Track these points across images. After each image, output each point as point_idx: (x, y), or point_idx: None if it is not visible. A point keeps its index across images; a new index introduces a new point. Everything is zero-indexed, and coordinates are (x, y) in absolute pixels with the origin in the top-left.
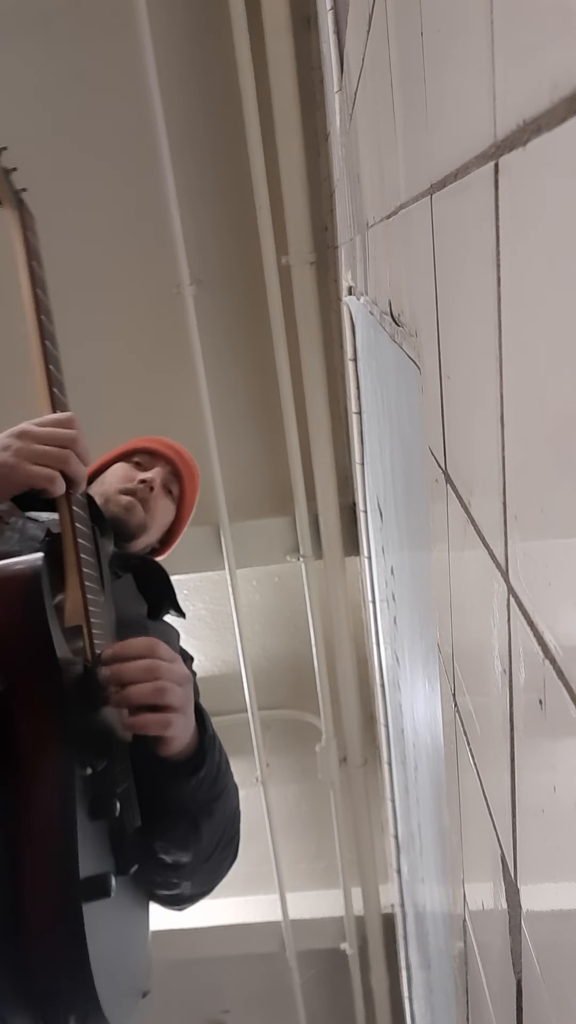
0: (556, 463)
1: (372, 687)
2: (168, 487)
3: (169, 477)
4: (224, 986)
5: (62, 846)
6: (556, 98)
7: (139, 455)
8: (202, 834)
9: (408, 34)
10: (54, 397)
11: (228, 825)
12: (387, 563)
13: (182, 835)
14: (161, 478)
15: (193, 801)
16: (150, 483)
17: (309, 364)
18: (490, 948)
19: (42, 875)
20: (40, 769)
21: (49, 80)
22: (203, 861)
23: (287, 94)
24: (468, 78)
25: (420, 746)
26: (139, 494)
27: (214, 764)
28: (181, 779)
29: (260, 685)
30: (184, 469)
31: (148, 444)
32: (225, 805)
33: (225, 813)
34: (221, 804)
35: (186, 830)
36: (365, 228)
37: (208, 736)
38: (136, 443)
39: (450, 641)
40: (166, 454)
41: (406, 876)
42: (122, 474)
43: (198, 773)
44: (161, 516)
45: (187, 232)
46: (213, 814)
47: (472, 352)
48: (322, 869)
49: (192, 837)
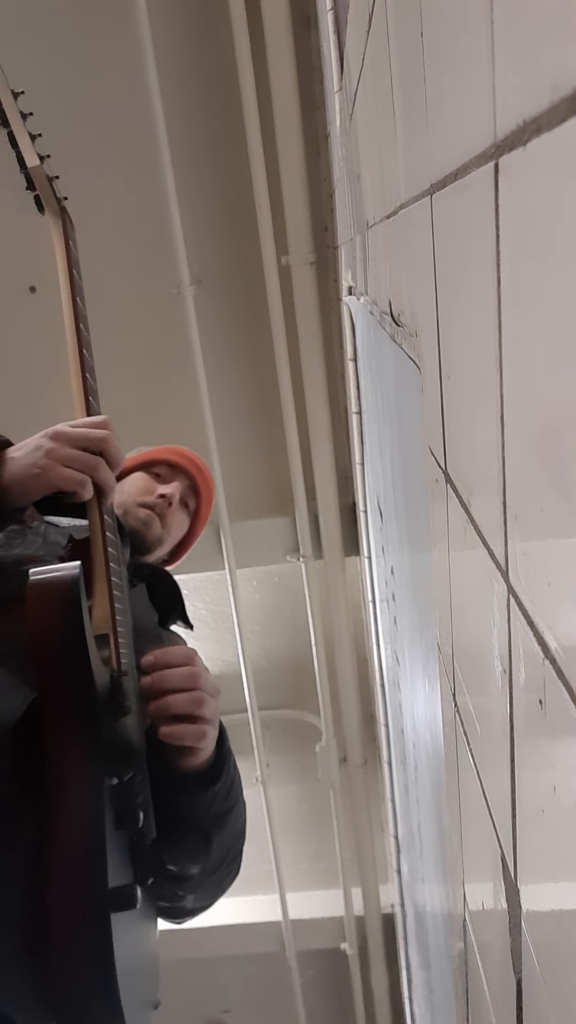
0: (556, 463)
1: (372, 687)
2: (185, 501)
3: (187, 492)
4: (224, 986)
5: (91, 856)
6: (556, 98)
7: (159, 466)
8: (212, 847)
9: (408, 34)
10: (89, 405)
11: (236, 841)
12: (387, 563)
13: (192, 847)
14: (180, 493)
15: (206, 814)
16: (169, 498)
17: (309, 364)
18: (490, 948)
19: (70, 885)
20: (70, 778)
21: (49, 80)
22: (210, 875)
23: (287, 94)
24: (468, 78)
25: (420, 746)
26: (157, 508)
27: (229, 778)
28: (197, 791)
29: (260, 685)
30: (203, 484)
31: (169, 456)
32: (236, 820)
33: (235, 828)
34: (232, 818)
35: (197, 842)
36: (365, 228)
37: (225, 749)
38: (157, 454)
39: (450, 641)
40: (186, 468)
41: (406, 876)
42: (142, 485)
43: (214, 786)
44: (176, 530)
45: (187, 232)
46: (224, 828)
47: (472, 352)
48: (322, 869)
49: (202, 850)
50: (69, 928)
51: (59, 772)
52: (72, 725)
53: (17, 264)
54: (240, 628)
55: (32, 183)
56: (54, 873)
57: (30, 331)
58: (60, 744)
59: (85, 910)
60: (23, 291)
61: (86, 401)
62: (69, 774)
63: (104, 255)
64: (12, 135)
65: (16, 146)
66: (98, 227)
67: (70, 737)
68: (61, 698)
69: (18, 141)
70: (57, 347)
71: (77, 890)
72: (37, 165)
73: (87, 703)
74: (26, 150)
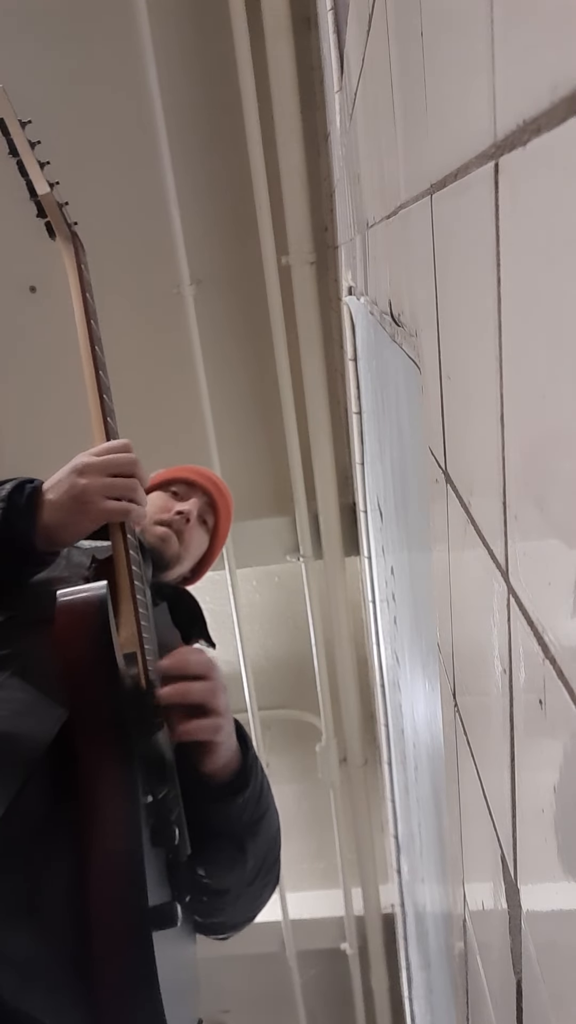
0: (556, 463)
1: (372, 687)
2: (203, 518)
3: (205, 508)
4: (224, 986)
5: (130, 875)
6: (556, 98)
7: (177, 485)
8: (247, 856)
9: (408, 34)
10: (108, 426)
11: (271, 848)
12: (387, 563)
13: (228, 858)
14: (198, 509)
15: (239, 822)
16: (186, 515)
17: (309, 364)
18: (490, 948)
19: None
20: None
21: (49, 80)
22: (247, 885)
23: (287, 94)
24: (468, 78)
25: (420, 746)
26: (175, 525)
27: (258, 783)
28: (227, 800)
29: (260, 685)
30: (220, 501)
31: (187, 475)
32: (269, 826)
33: (269, 833)
34: (265, 825)
35: (232, 853)
36: (365, 228)
37: (251, 755)
38: (175, 473)
39: (450, 641)
40: (204, 485)
41: (406, 876)
42: (160, 504)
43: (244, 792)
44: (195, 548)
45: (187, 232)
46: (258, 835)
47: (472, 352)
48: (322, 869)
49: (238, 859)
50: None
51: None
52: (106, 744)
53: (17, 264)
54: (240, 628)
55: (43, 210)
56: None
57: (30, 331)
58: (95, 763)
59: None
60: (23, 291)
61: (105, 422)
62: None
63: (104, 255)
64: (21, 164)
65: (26, 174)
66: (98, 227)
67: (105, 756)
68: (93, 717)
69: (28, 170)
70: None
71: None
72: (48, 192)
73: (119, 721)
74: (36, 178)
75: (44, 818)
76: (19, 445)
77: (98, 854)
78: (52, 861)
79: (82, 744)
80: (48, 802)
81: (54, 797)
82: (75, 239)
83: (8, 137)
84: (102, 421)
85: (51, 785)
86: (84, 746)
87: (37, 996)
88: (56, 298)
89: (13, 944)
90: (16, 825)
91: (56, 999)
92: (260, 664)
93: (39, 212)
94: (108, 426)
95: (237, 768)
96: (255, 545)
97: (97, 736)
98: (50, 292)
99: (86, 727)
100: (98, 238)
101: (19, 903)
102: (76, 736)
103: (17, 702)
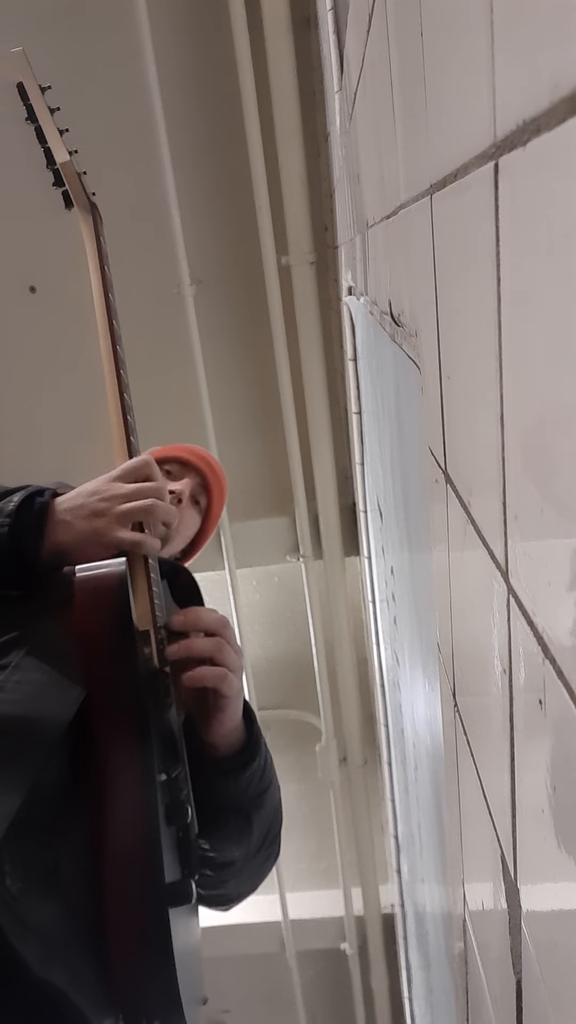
0: (556, 463)
1: (372, 687)
2: (196, 498)
3: (198, 489)
4: (224, 986)
5: (147, 853)
6: (556, 98)
7: (170, 464)
8: (253, 828)
9: (408, 34)
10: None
11: (275, 819)
12: (387, 563)
13: (234, 831)
14: (190, 490)
15: (245, 795)
16: (178, 495)
17: (309, 364)
18: (490, 948)
19: (128, 882)
20: (124, 773)
21: (48, 79)
22: (251, 857)
23: (287, 94)
24: (468, 78)
25: (420, 746)
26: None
27: (263, 757)
28: (236, 773)
29: (260, 685)
30: (214, 481)
31: (180, 453)
32: (273, 797)
33: (272, 804)
34: (270, 796)
35: (239, 825)
36: (365, 228)
37: (256, 728)
38: (168, 451)
39: (450, 641)
40: (197, 465)
41: (406, 876)
42: None
43: (252, 763)
44: (186, 528)
45: (187, 232)
46: (263, 806)
47: (472, 352)
48: (322, 869)
49: (245, 831)
50: (129, 926)
51: (113, 768)
52: (124, 721)
53: (17, 264)
54: (240, 628)
55: (60, 179)
56: (113, 870)
57: (30, 331)
58: (113, 740)
59: (144, 907)
60: (23, 291)
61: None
62: (123, 770)
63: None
64: (40, 130)
65: (44, 141)
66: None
67: (123, 733)
68: (113, 694)
69: (47, 136)
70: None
71: (136, 887)
72: (67, 160)
73: (135, 700)
74: (55, 145)
75: (62, 795)
76: (19, 445)
77: (116, 831)
78: (72, 836)
79: (100, 721)
80: (66, 779)
81: (72, 773)
82: (94, 210)
83: (27, 102)
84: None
85: (69, 761)
86: (102, 723)
87: (60, 968)
88: (56, 298)
89: (38, 916)
90: (36, 803)
91: (78, 972)
92: (260, 664)
93: (56, 181)
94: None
95: (243, 740)
96: (255, 545)
97: (116, 713)
98: (50, 292)
99: (105, 704)
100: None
101: (42, 878)
102: (94, 713)
103: (34, 684)
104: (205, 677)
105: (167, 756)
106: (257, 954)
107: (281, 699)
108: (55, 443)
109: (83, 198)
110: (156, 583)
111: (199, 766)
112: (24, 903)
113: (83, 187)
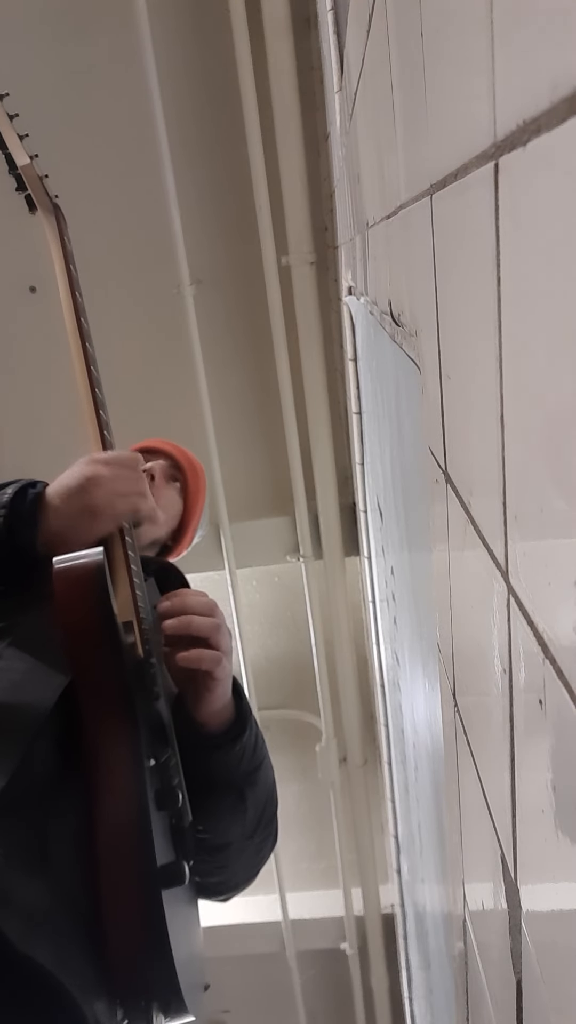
0: (556, 463)
1: (372, 687)
2: (172, 477)
3: (169, 469)
4: (224, 986)
5: (138, 833)
6: (556, 98)
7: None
8: (247, 805)
9: (408, 34)
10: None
11: (269, 798)
12: (387, 563)
13: (228, 808)
14: (160, 468)
15: (237, 770)
16: (150, 471)
17: (309, 364)
18: (490, 948)
19: (119, 866)
20: (112, 756)
21: (49, 79)
22: (247, 838)
23: (287, 94)
24: (468, 78)
25: (420, 746)
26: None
27: (253, 732)
28: (227, 747)
29: (260, 685)
30: (184, 461)
31: (145, 443)
32: (266, 776)
33: (266, 783)
34: (263, 774)
35: (232, 802)
36: (365, 228)
37: (245, 704)
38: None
39: (450, 641)
40: (163, 448)
41: (406, 876)
42: None
43: (241, 738)
44: (167, 505)
45: (187, 232)
46: (256, 784)
47: (472, 352)
48: (322, 869)
49: (239, 808)
50: (123, 908)
51: (100, 752)
52: (110, 707)
53: (17, 264)
54: (240, 628)
55: (23, 183)
56: (103, 855)
57: (30, 331)
58: (99, 725)
59: (137, 889)
60: (23, 291)
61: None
62: (110, 754)
63: (104, 255)
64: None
65: (4, 147)
66: (98, 227)
67: (109, 718)
68: (97, 680)
69: (6, 142)
70: (56, 347)
71: (126, 866)
72: (27, 164)
73: (121, 686)
74: (15, 150)
75: (50, 780)
76: (18, 445)
77: (106, 814)
78: (60, 818)
79: (86, 707)
80: (54, 765)
81: (60, 760)
82: (57, 211)
83: None
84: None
85: (56, 748)
86: (88, 709)
87: (44, 946)
88: (56, 298)
89: (22, 893)
90: (22, 787)
91: (63, 950)
92: (260, 664)
93: (18, 185)
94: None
95: (232, 717)
96: (255, 545)
97: (101, 699)
98: (50, 292)
99: (89, 690)
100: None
101: (28, 857)
102: (80, 700)
103: (15, 672)
104: (202, 659)
105: (156, 742)
106: (257, 954)
107: (281, 699)
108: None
109: (46, 201)
110: (137, 574)
111: (191, 747)
112: (8, 878)
113: (45, 190)
